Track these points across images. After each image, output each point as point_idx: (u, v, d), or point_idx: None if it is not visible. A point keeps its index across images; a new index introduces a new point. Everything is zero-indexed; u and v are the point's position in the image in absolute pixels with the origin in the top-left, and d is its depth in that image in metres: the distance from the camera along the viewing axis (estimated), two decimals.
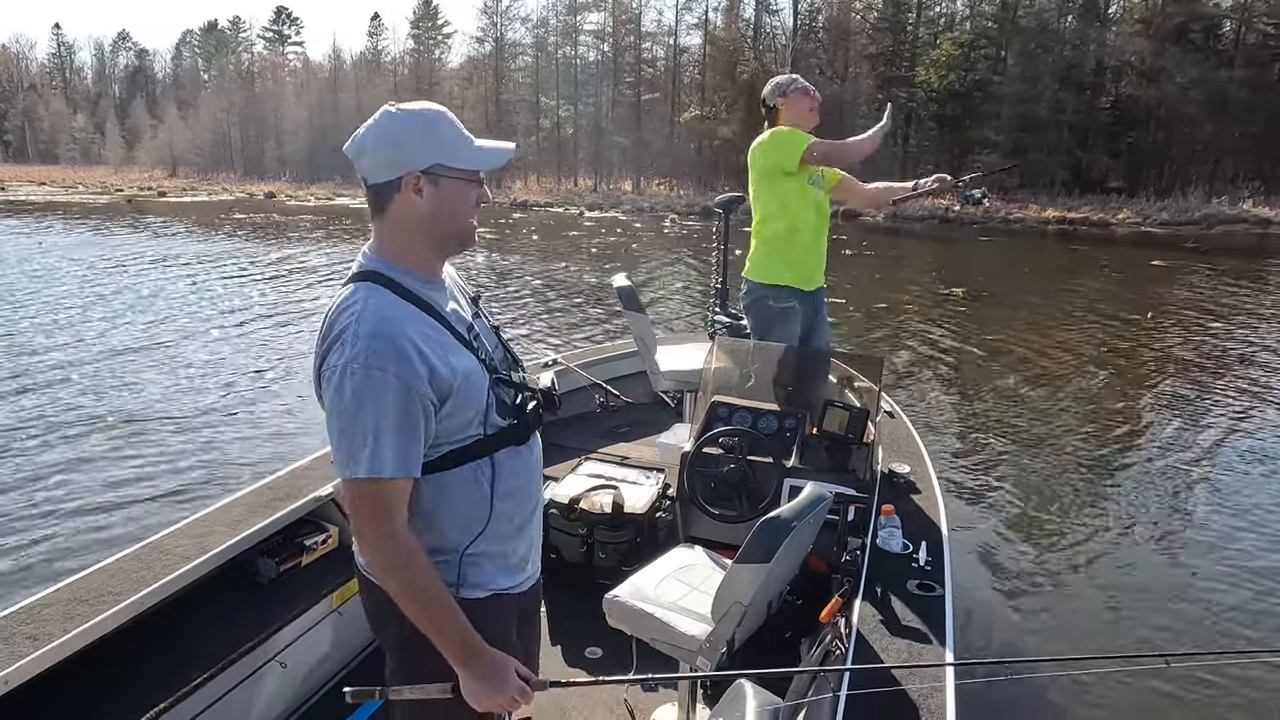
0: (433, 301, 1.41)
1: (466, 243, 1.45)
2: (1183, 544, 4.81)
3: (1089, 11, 38.49)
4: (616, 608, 2.27)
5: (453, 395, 1.35)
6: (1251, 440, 6.54)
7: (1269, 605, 4.11)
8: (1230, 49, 36.43)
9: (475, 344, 1.44)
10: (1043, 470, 5.91)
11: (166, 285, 13.90)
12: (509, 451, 1.46)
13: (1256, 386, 8.11)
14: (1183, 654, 4.76)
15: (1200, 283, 15.32)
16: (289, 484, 2.88)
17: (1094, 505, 5.29)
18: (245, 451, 6.20)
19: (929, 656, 1.97)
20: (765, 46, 45.33)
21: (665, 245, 22.26)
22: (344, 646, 2.80)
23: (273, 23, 68.98)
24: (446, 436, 1.38)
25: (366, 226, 1.49)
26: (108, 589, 2.19)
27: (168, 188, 48.98)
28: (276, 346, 9.57)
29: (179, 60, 78.12)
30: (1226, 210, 29.49)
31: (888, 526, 2.50)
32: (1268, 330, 10.88)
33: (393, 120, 1.37)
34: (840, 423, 3.08)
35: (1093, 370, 8.73)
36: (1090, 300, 13.06)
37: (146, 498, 5.30)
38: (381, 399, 1.27)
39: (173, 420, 6.86)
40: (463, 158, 1.38)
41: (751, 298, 3.62)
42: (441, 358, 1.34)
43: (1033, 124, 35.05)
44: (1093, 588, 4.32)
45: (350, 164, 1.39)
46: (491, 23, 51.51)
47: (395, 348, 1.28)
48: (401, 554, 1.34)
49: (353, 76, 62.18)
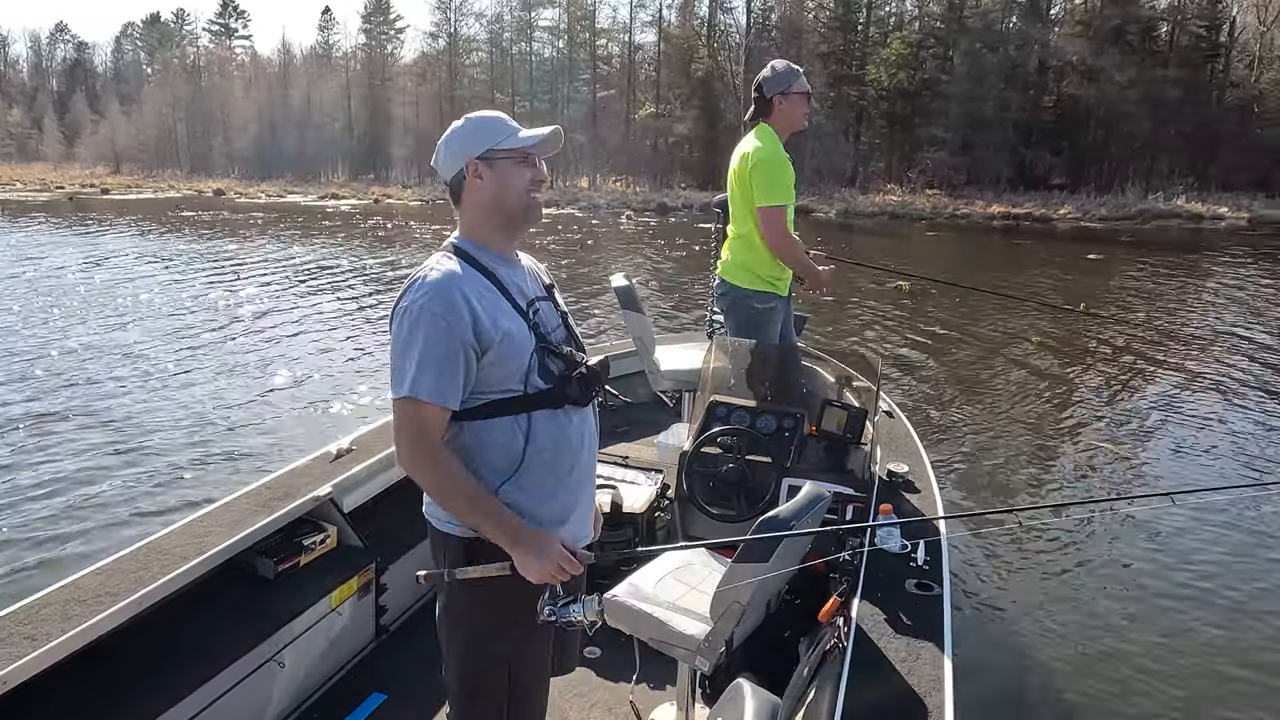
0: (496, 271, 1.63)
1: (531, 217, 1.68)
2: (1179, 534, 4.82)
3: (1032, 12, 39.63)
4: (615, 607, 2.24)
5: (493, 348, 1.55)
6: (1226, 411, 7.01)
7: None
8: (1165, 50, 37.84)
9: (531, 315, 1.65)
10: (1035, 458, 6.01)
11: (120, 284, 13.67)
12: (547, 414, 1.63)
13: (1200, 367, 8.62)
14: (1187, 490, 5.01)
15: (1133, 274, 16.02)
16: (288, 484, 2.86)
17: (1091, 503, 5.44)
18: (243, 450, 6.19)
19: (927, 656, 1.96)
20: (720, 44, 45.73)
21: (623, 241, 22.43)
22: (342, 646, 2.79)
23: (219, 15, 67.27)
24: (488, 386, 1.58)
25: (319, 224, 1.66)
26: (105, 589, 2.18)
27: (111, 185, 47.61)
28: (259, 349, 9.48)
29: (120, 54, 75.82)
30: (1161, 206, 30.69)
31: (886, 526, 2.49)
32: (1191, 315, 11.49)
33: (454, 128, 1.67)
34: (838, 422, 3.07)
35: (1034, 361, 9.15)
36: (1027, 292, 13.57)
37: (144, 499, 5.27)
38: (429, 335, 1.51)
39: (166, 420, 6.81)
40: (510, 140, 1.63)
41: (731, 299, 3.58)
42: (490, 314, 1.55)
43: (979, 122, 35.98)
44: (1093, 585, 4.30)
45: (300, 160, 1.57)
46: (445, 18, 51.16)
47: (448, 297, 1.52)
48: (438, 466, 1.56)
49: (303, 71, 61.11)
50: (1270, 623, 3.96)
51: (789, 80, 3.35)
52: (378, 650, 2.91)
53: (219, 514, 2.64)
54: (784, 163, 3.34)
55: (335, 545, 2.81)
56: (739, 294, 3.53)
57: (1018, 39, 38.74)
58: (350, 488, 2.93)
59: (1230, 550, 4.68)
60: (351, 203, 38.52)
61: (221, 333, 10.17)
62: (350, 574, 2.74)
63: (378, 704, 2.64)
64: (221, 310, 11.62)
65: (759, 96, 3.41)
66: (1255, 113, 37.10)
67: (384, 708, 2.63)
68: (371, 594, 2.88)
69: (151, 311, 11.42)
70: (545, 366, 1.63)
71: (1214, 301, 13.29)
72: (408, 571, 1.73)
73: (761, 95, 3.39)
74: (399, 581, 2.96)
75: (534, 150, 1.65)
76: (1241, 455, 6.18)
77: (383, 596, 2.93)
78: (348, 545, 2.84)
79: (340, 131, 54.98)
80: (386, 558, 2.89)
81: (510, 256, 1.71)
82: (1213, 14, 38.65)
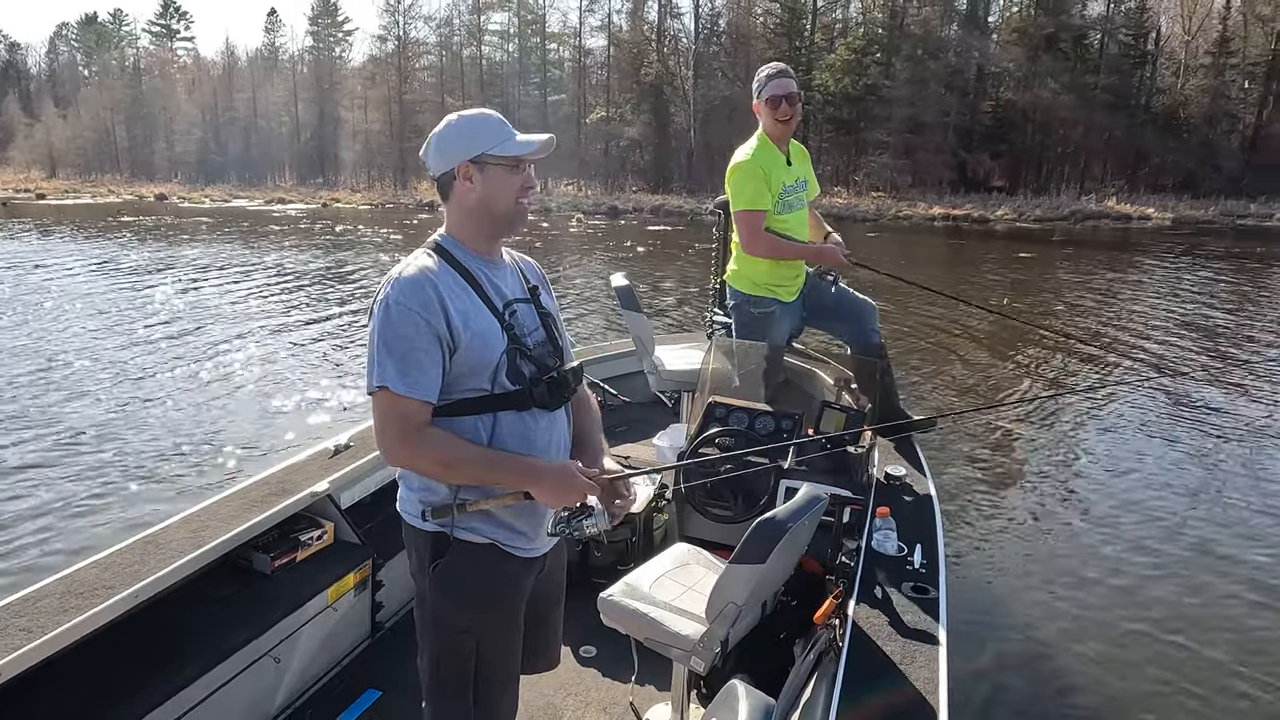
0: (474, 271, 1.64)
1: (515, 224, 1.67)
2: (1182, 538, 4.81)
3: (970, 20, 40.89)
4: (611, 607, 2.25)
5: (462, 345, 1.56)
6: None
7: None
8: (1096, 58, 39.32)
9: (507, 316, 1.64)
10: (1034, 473, 6.00)
11: (69, 289, 13.46)
12: (513, 415, 1.63)
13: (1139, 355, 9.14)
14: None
15: (1059, 270, 16.84)
16: (285, 479, 2.85)
17: (1089, 507, 5.37)
18: (242, 448, 6.21)
19: (923, 659, 1.95)
20: (669, 49, 46.19)
21: (573, 244, 22.63)
22: (338, 642, 2.79)
23: (159, 17, 65.73)
24: (458, 384, 1.59)
25: (267, 228, 1.79)
26: (102, 582, 2.17)
27: (47, 190, 46.31)
28: (241, 350, 9.46)
29: (55, 54, 73.64)
30: (1092, 207, 32.00)
31: (883, 529, 2.48)
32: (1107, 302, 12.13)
33: (449, 123, 1.66)
34: (837, 424, 3.08)
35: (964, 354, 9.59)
36: (957, 289, 14.14)
37: (140, 495, 5.32)
38: (401, 328, 1.52)
39: (158, 419, 6.82)
40: (503, 147, 1.60)
41: (732, 303, 3.64)
42: (460, 313, 1.56)
43: (921, 126, 36.98)
44: (1089, 589, 4.28)
45: (246, 164, 1.70)
46: (394, 20, 50.79)
47: (421, 292, 1.53)
48: (427, 443, 1.56)
49: (248, 74, 60.00)
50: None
51: (758, 87, 3.41)
52: (374, 646, 2.93)
53: (216, 509, 2.62)
54: (755, 168, 3.35)
55: (332, 541, 2.81)
56: (737, 298, 3.58)
57: (957, 46, 39.90)
58: (348, 484, 2.93)
59: (1253, 569, 4.51)
60: (299, 207, 38.06)
61: (197, 335, 10.15)
62: (347, 570, 2.75)
63: (373, 700, 2.66)
64: (170, 313, 11.54)
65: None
66: (1181, 118, 38.75)
67: (379, 704, 2.64)
68: (368, 590, 2.88)
69: (105, 317, 11.29)
70: (515, 367, 1.62)
71: (1122, 292, 14.00)
72: (404, 568, 1.85)
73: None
74: (396, 578, 2.96)
75: (527, 157, 1.63)
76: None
77: (379, 593, 2.94)
78: (345, 541, 2.85)
79: (287, 135, 54.19)
80: (383, 554, 2.89)
81: (493, 256, 1.70)
82: (1139, 23, 40.27)
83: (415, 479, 1.67)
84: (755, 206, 3.36)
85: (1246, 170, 34.73)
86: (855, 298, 3.64)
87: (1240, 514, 5.21)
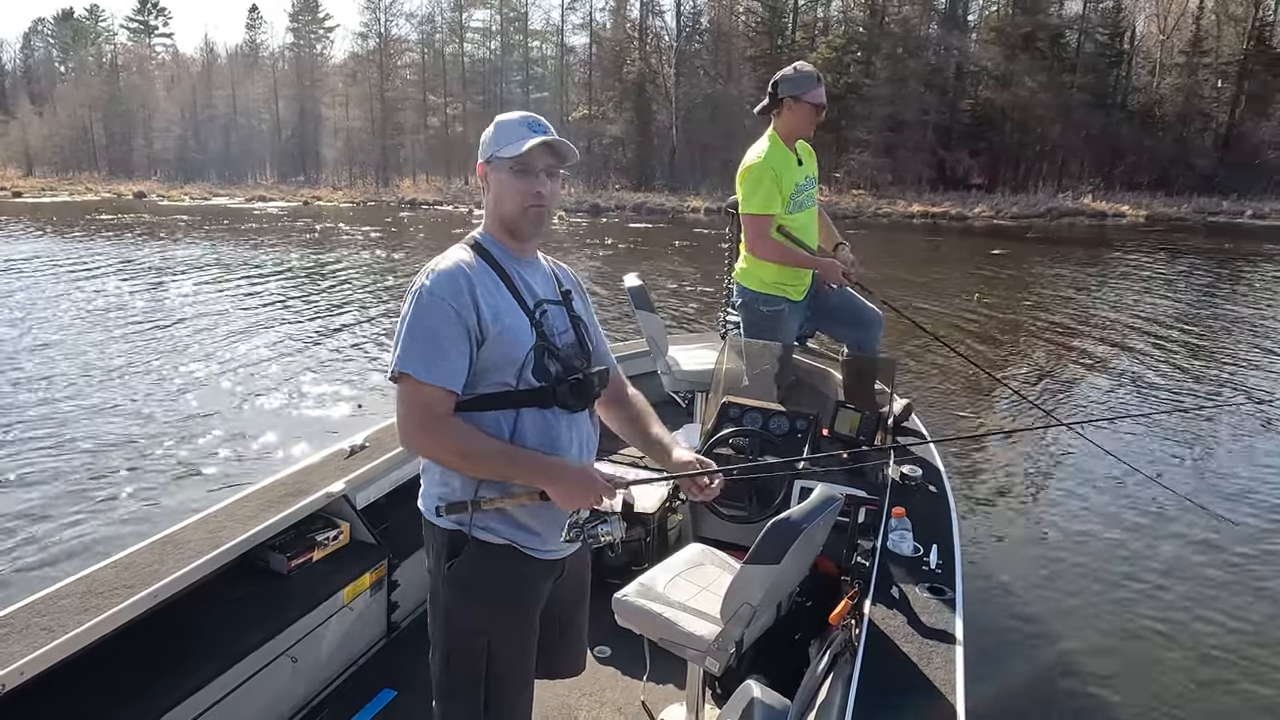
0: (507, 268, 1.66)
1: (525, 229, 1.66)
2: (1205, 544, 4.72)
3: (949, 19, 41.28)
4: (625, 607, 2.25)
5: (490, 339, 1.58)
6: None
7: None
8: (1073, 57, 39.84)
9: (538, 314, 1.66)
10: (1052, 462, 6.03)
11: (58, 288, 13.42)
12: (535, 411, 1.63)
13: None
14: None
15: (1031, 266, 17.13)
16: (302, 480, 2.86)
17: (1107, 509, 5.32)
18: (246, 449, 6.23)
19: (939, 659, 1.93)
20: (651, 47, 46.31)
21: (555, 242, 22.71)
22: (354, 642, 2.80)
23: (137, 12, 64.99)
24: (484, 378, 1.60)
25: (246, 226, 1.82)
26: (121, 582, 2.19)
27: (23, 188, 45.78)
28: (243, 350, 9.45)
29: (30, 51, 72.69)
30: (1069, 204, 32.45)
31: (899, 529, 2.46)
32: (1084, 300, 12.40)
33: (493, 123, 1.71)
34: (851, 425, 3.06)
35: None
36: (931, 281, 14.40)
37: (159, 495, 5.35)
38: (430, 318, 1.55)
39: (175, 419, 6.82)
40: (508, 150, 1.62)
41: (741, 302, 3.65)
42: (491, 307, 1.59)
43: (901, 125, 37.33)
44: (1109, 591, 4.23)
45: (226, 162, 1.76)
46: (375, 17, 50.58)
47: (454, 283, 1.57)
48: (452, 432, 1.57)
49: (229, 71, 59.54)
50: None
51: (804, 87, 3.27)
52: (389, 646, 2.95)
53: (233, 509, 2.64)
54: (767, 170, 3.29)
55: (348, 541, 2.83)
56: (747, 296, 3.57)
57: (937, 45, 40.29)
58: (363, 484, 2.94)
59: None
60: (280, 205, 37.87)
61: (205, 334, 10.13)
62: (363, 570, 2.77)
63: (388, 700, 2.67)
64: (161, 312, 11.52)
65: (772, 93, 3.34)
66: (1156, 116, 39.33)
67: (394, 704, 2.65)
68: (384, 590, 2.90)
69: (104, 318, 11.21)
70: (542, 365, 1.64)
71: (1098, 286, 14.29)
72: (420, 568, 1.87)
73: (774, 93, 3.33)
74: (411, 578, 2.97)
75: (530, 160, 1.61)
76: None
77: (395, 593, 2.95)
78: (360, 542, 2.87)
79: (268, 132, 53.85)
80: (399, 554, 2.91)
81: (526, 255, 1.73)
82: (1115, 22, 40.82)
83: (435, 473, 1.68)
84: (764, 211, 3.34)
85: (1219, 168, 35.37)
86: (862, 305, 3.60)
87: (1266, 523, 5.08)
